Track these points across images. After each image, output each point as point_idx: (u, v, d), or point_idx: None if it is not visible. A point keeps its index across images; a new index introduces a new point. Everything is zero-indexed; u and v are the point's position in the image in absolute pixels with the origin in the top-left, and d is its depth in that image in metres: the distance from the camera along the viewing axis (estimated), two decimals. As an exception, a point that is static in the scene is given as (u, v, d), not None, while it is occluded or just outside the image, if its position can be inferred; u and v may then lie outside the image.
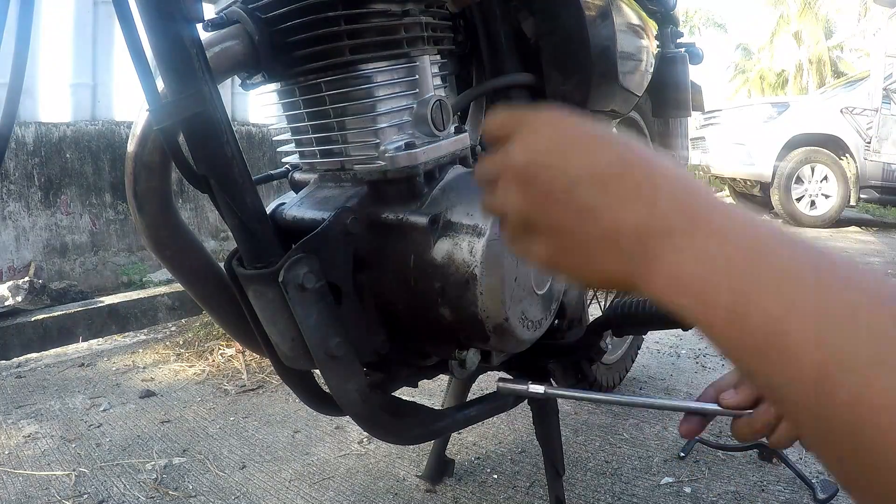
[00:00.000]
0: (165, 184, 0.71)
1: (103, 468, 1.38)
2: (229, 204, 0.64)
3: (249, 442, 1.50)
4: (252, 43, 0.71)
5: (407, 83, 0.76)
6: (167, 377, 1.99)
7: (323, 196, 0.78)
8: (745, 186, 6.46)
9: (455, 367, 0.82)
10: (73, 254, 3.31)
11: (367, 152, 0.74)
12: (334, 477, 1.32)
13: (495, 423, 1.53)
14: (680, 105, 1.45)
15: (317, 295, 0.65)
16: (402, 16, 0.73)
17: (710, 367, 1.92)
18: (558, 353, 0.98)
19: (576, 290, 1.01)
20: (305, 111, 0.78)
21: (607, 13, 1.01)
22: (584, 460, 1.36)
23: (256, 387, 1.86)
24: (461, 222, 0.70)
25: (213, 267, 0.79)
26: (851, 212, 6.00)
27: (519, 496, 1.22)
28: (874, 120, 5.41)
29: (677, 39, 1.48)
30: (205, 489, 1.28)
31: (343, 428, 1.54)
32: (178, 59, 0.58)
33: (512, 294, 0.70)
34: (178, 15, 0.57)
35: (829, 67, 24.20)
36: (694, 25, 24.37)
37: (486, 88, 0.98)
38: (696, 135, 6.64)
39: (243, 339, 0.83)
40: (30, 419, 1.66)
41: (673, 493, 1.21)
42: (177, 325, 2.69)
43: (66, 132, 3.31)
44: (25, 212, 3.14)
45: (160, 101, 0.59)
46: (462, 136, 0.80)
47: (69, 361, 2.20)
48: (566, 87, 1.00)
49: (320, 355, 0.66)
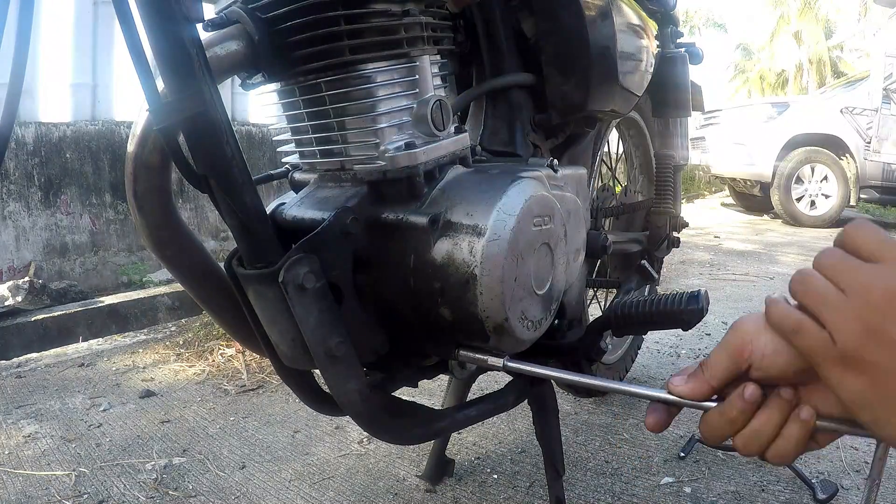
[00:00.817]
0: (165, 184, 0.71)
1: (103, 468, 1.38)
2: (229, 204, 0.64)
3: (249, 442, 1.50)
4: (252, 43, 0.71)
5: (407, 83, 0.75)
6: (167, 377, 1.99)
7: (323, 196, 0.78)
8: (745, 186, 6.47)
9: (455, 367, 0.82)
10: (73, 254, 3.31)
11: (367, 152, 0.74)
12: (334, 477, 1.32)
13: (495, 423, 1.53)
14: (680, 105, 1.45)
15: (317, 295, 0.65)
16: (402, 16, 0.73)
17: (710, 367, 1.92)
18: (558, 353, 0.98)
19: (576, 291, 1.01)
20: (305, 111, 0.78)
21: (607, 13, 1.01)
22: (584, 460, 1.36)
23: (256, 387, 1.86)
24: (461, 222, 0.70)
25: (213, 267, 0.79)
26: (851, 212, 6.00)
27: (519, 496, 1.22)
28: (874, 120, 5.42)
29: (677, 39, 1.47)
30: (205, 489, 1.28)
31: (343, 428, 1.54)
32: (178, 59, 0.58)
33: (512, 294, 0.70)
34: (178, 15, 0.57)
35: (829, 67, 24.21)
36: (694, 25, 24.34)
37: (486, 88, 0.98)
38: (696, 135, 6.65)
39: (243, 339, 0.83)
40: (30, 419, 1.67)
41: (673, 493, 1.21)
42: (177, 325, 2.69)
43: (66, 132, 3.31)
44: (25, 212, 3.14)
45: (160, 101, 0.59)
46: (462, 136, 0.80)
47: (69, 361, 2.20)
48: (566, 87, 1.00)
49: (320, 355, 0.66)
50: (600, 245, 1.02)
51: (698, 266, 3.70)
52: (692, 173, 9.52)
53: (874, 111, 5.42)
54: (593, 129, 1.15)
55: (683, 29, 1.56)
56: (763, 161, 5.68)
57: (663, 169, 1.54)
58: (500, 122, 0.99)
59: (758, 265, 3.71)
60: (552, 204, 0.76)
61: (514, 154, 0.98)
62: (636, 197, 1.62)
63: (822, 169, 5.61)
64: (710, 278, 3.35)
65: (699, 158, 6.91)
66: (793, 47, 25.52)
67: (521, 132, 0.99)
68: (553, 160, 0.84)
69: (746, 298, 2.85)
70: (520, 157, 0.97)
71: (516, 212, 0.70)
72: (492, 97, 1.00)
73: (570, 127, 1.08)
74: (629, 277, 1.29)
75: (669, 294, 0.80)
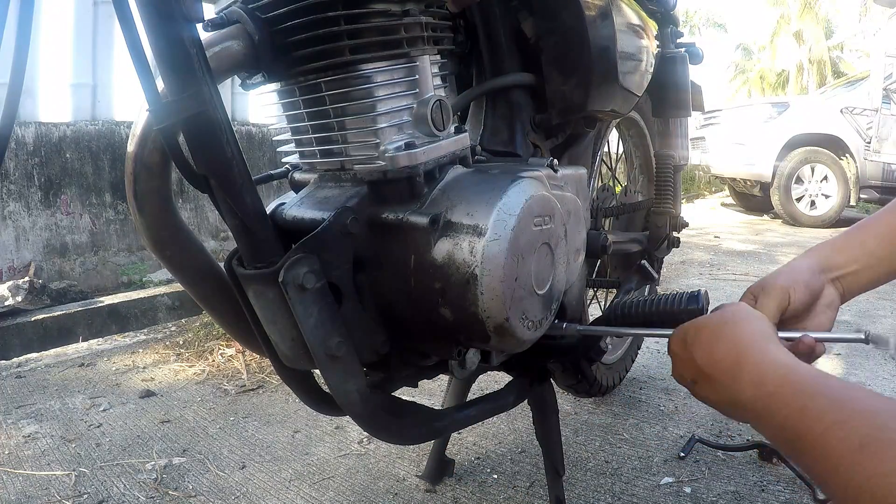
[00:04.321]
0: (165, 184, 0.70)
1: (103, 468, 1.38)
2: (229, 204, 0.64)
3: (249, 442, 1.50)
4: (252, 43, 0.71)
5: (407, 83, 0.75)
6: (167, 377, 1.99)
7: (323, 196, 0.78)
8: (745, 186, 6.47)
9: (455, 367, 0.82)
10: (73, 254, 3.31)
11: (367, 152, 0.74)
12: (334, 477, 1.32)
13: (495, 423, 1.53)
14: (680, 105, 1.45)
15: (317, 295, 0.65)
16: (402, 16, 0.73)
17: (710, 367, 1.92)
18: (558, 352, 0.98)
19: (576, 290, 1.01)
20: (305, 111, 0.78)
21: (607, 13, 1.01)
22: (584, 460, 1.36)
23: (256, 387, 1.86)
24: (461, 222, 0.70)
25: (213, 267, 0.78)
26: (851, 212, 6.00)
27: (519, 496, 1.22)
28: (874, 120, 5.41)
29: (677, 39, 1.47)
30: (205, 489, 1.28)
31: (343, 428, 1.54)
32: (178, 59, 0.58)
33: (513, 294, 0.70)
34: (178, 15, 0.57)
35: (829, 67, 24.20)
36: (694, 25, 24.35)
37: (486, 88, 0.98)
38: (696, 135, 6.64)
39: (243, 339, 0.83)
40: (30, 419, 1.67)
41: (673, 493, 1.21)
42: (177, 325, 2.69)
43: (66, 132, 3.31)
44: (25, 212, 3.14)
45: (160, 101, 0.58)
46: (462, 136, 0.80)
47: (69, 361, 2.20)
48: (566, 87, 1.00)
49: (320, 355, 0.66)
50: (600, 245, 1.02)
51: (698, 266, 3.70)
52: (692, 173, 9.53)
53: (874, 111, 5.42)
54: (593, 129, 1.14)
55: (683, 29, 1.56)
56: (763, 161, 5.67)
57: (663, 169, 1.54)
58: (500, 122, 0.99)
59: (757, 265, 3.71)
60: (552, 204, 0.76)
61: (514, 154, 0.98)
62: (636, 197, 1.62)
63: (822, 169, 5.60)
64: (709, 278, 3.35)
65: (699, 158, 6.91)
66: (793, 47, 25.51)
67: (521, 132, 0.99)
68: (553, 160, 0.84)
69: (746, 298, 2.84)
70: (520, 157, 0.97)
71: (517, 211, 0.70)
72: (492, 97, 1.00)
73: (570, 127, 1.08)
74: (629, 277, 1.29)
75: (669, 294, 0.80)
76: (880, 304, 2.71)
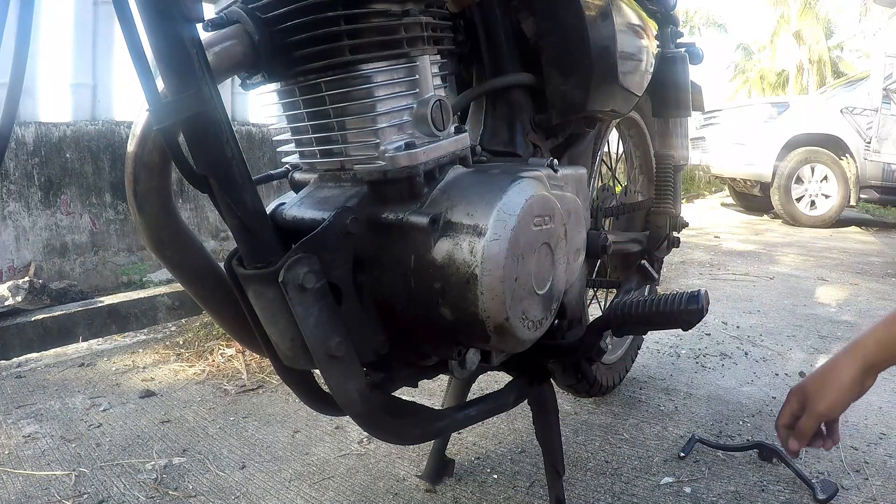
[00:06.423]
0: (165, 184, 0.70)
1: (103, 468, 1.38)
2: (229, 204, 0.64)
3: (249, 442, 1.50)
4: (252, 43, 0.71)
5: (407, 83, 0.75)
6: (167, 377, 1.99)
7: (323, 196, 0.78)
8: (745, 186, 6.47)
9: (455, 367, 0.82)
10: (73, 254, 3.31)
11: (367, 152, 0.74)
12: (334, 477, 1.32)
13: (495, 423, 1.53)
14: (680, 105, 1.45)
15: (317, 295, 0.65)
16: (402, 16, 0.73)
17: (710, 367, 1.92)
18: (558, 353, 0.98)
19: (576, 290, 1.01)
20: (305, 111, 0.78)
21: (607, 13, 1.01)
22: (584, 460, 1.36)
23: (256, 387, 1.86)
24: (461, 222, 0.70)
25: (213, 267, 0.78)
26: (851, 212, 6.00)
27: (519, 496, 1.22)
28: (874, 120, 5.41)
29: (677, 39, 1.47)
30: (205, 489, 1.28)
31: (343, 428, 1.54)
32: (178, 59, 0.58)
33: (513, 294, 0.70)
34: (178, 15, 0.57)
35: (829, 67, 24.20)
36: (694, 25, 24.33)
37: (486, 88, 0.98)
38: (696, 135, 6.65)
39: (243, 339, 0.83)
40: (30, 419, 1.67)
41: (673, 493, 1.21)
42: (177, 325, 2.69)
43: (66, 132, 3.31)
44: (25, 212, 3.14)
45: (160, 101, 0.59)
46: (462, 136, 0.80)
47: (69, 361, 2.20)
48: (566, 87, 1.00)
49: (320, 355, 0.66)
50: (600, 245, 1.02)
51: (698, 266, 3.70)
52: (692, 173, 9.53)
53: (874, 111, 5.42)
54: (593, 129, 1.15)
55: (683, 29, 1.56)
56: (763, 161, 5.68)
57: (663, 169, 1.54)
58: (500, 122, 1.00)
59: (757, 265, 3.71)
60: (552, 204, 0.76)
61: (514, 154, 0.98)
62: (636, 197, 1.62)
63: (822, 169, 5.61)
64: (710, 278, 3.35)
65: (699, 158, 6.91)
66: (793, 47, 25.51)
67: (521, 132, 0.99)
68: (553, 160, 0.84)
69: (746, 298, 2.85)
70: (520, 157, 0.98)
71: (517, 211, 0.70)
72: (492, 97, 1.00)
73: (570, 127, 1.08)
74: (629, 277, 1.29)
75: (669, 294, 0.80)
76: (880, 304, 2.71)
